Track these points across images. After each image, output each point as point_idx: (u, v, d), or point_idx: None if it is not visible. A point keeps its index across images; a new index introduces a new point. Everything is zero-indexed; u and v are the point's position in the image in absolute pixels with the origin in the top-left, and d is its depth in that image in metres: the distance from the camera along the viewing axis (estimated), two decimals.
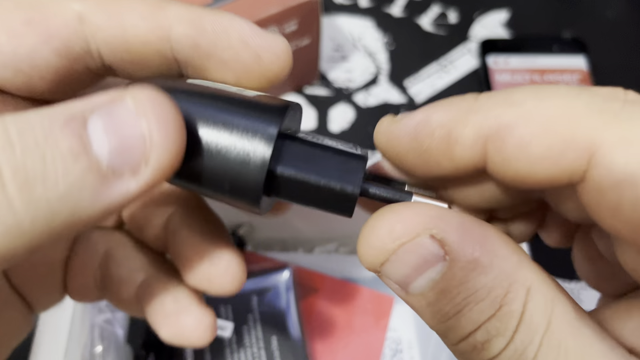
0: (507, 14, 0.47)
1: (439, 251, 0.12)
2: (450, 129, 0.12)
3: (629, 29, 0.46)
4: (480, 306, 0.12)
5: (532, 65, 0.42)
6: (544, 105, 0.12)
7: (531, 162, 0.12)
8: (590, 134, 0.11)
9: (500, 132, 0.12)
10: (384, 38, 0.45)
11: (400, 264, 0.12)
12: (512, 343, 0.12)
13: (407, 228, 0.12)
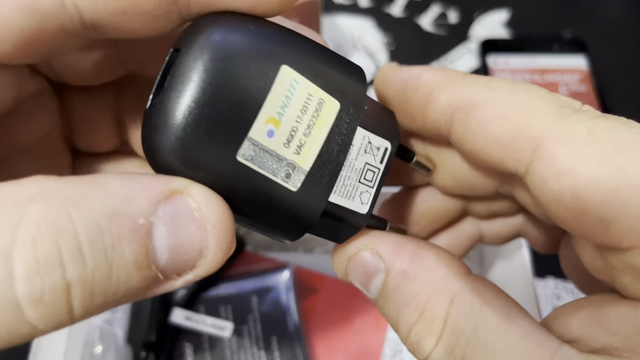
0: (507, 14, 0.47)
1: (378, 263, 0.15)
2: (432, 89, 0.14)
3: (629, 29, 0.46)
4: (407, 310, 0.14)
5: (532, 65, 0.42)
6: (512, 97, 0.13)
7: (487, 139, 0.13)
8: (539, 128, 0.13)
9: (469, 106, 0.14)
10: (384, 38, 0.45)
11: (354, 273, 0.15)
12: (440, 343, 0.13)
13: (352, 246, 0.15)
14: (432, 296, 0.14)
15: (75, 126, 0.16)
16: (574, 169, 0.12)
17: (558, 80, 0.41)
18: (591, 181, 0.12)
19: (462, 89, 0.14)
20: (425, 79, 0.15)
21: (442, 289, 0.14)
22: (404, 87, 0.15)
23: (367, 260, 0.15)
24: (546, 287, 0.33)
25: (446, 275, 0.14)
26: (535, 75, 0.41)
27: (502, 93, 0.13)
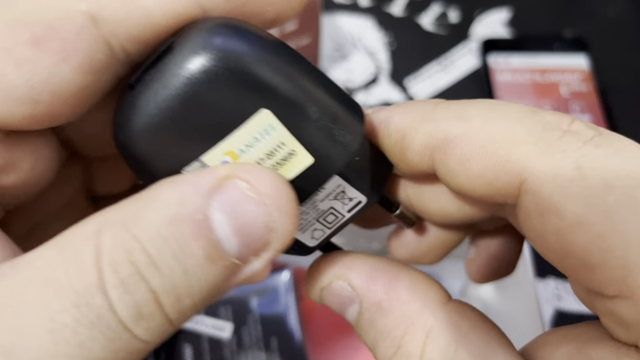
0: (507, 13, 0.47)
1: (351, 293, 0.14)
2: (404, 134, 0.13)
3: (630, 28, 0.46)
4: (384, 345, 0.13)
5: (533, 64, 0.42)
6: (489, 126, 0.12)
7: (470, 177, 0.12)
8: (522, 161, 0.12)
9: (444, 144, 0.13)
10: (384, 37, 0.45)
11: (329, 302, 0.15)
12: None
13: (324, 276, 0.14)
14: (407, 332, 0.13)
15: (95, 175, 0.17)
16: (558, 209, 0.11)
17: (559, 79, 0.41)
18: (576, 224, 0.11)
19: (434, 127, 0.13)
20: (395, 123, 0.14)
21: (417, 323, 0.13)
22: (379, 136, 0.14)
23: (340, 290, 0.14)
24: (547, 287, 0.33)
25: (421, 308, 0.13)
26: (536, 75, 0.41)
27: (477, 123, 0.12)
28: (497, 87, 0.41)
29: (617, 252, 0.11)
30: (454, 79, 0.43)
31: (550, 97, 0.40)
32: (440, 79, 0.43)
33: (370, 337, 0.14)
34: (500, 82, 0.41)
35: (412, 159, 0.14)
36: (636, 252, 0.11)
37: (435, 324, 0.13)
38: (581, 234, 0.11)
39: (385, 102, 0.42)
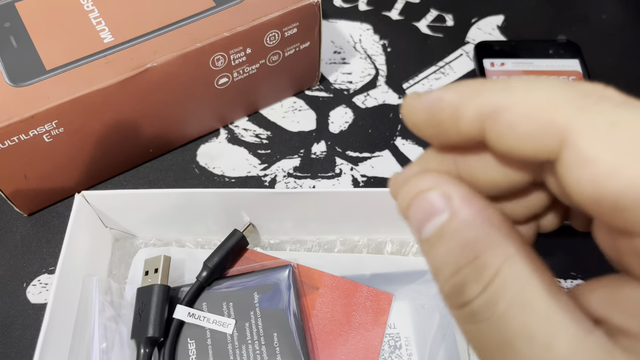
0: (503, 17, 0.48)
1: (445, 204, 0.15)
2: (457, 107, 0.15)
3: (623, 32, 0.47)
4: (461, 252, 0.15)
5: (527, 67, 0.43)
6: (532, 95, 0.14)
7: (517, 139, 0.14)
8: (563, 122, 0.13)
9: (494, 113, 0.14)
10: (382, 41, 0.46)
11: (416, 208, 0.16)
12: (485, 292, 0.14)
13: (427, 181, 0.16)
14: (490, 247, 0.14)
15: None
16: (595, 158, 0.13)
17: None
18: (610, 170, 0.13)
19: (483, 99, 0.15)
20: (448, 98, 0.15)
21: (500, 245, 0.14)
22: (430, 112, 0.16)
23: (435, 199, 0.15)
24: None
25: (507, 236, 0.15)
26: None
27: (521, 93, 0.14)
28: None
29: None
30: (451, 81, 0.44)
31: None
32: (437, 82, 0.44)
33: (447, 246, 0.15)
34: None
35: (465, 127, 0.15)
36: None
37: (517, 252, 0.14)
38: (614, 179, 0.13)
39: (384, 104, 0.43)
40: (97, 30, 0.34)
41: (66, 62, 0.33)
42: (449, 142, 0.16)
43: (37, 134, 0.32)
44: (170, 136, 0.39)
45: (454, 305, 0.15)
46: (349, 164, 0.40)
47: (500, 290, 0.14)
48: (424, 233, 0.16)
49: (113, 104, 0.33)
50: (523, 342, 0.13)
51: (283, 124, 0.41)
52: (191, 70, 0.34)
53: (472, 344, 0.15)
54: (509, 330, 0.14)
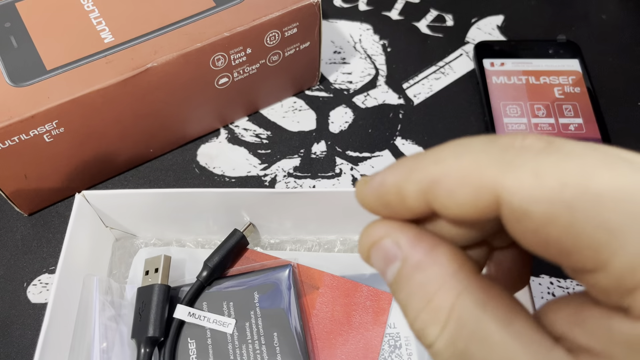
0: (503, 17, 0.48)
1: (397, 251, 0.16)
2: (399, 187, 0.16)
3: (622, 32, 0.47)
4: (416, 298, 0.15)
5: (527, 67, 0.43)
6: (459, 163, 0.15)
7: (459, 205, 0.15)
8: (492, 182, 0.14)
9: (432, 185, 0.15)
10: (382, 41, 0.46)
11: (375, 257, 0.17)
12: (443, 333, 0.15)
13: (377, 233, 0.17)
14: (441, 288, 0.15)
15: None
16: (528, 213, 0.13)
17: (553, 82, 0.42)
18: (546, 221, 0.13)
19: (419, 175, 0.16)
20: (389, 181, 0.16)
21: (450, 283, 0.15)
22: (378, 196, 0.17)
23: (388, 247, 0.16)
24: (541, 286, 0.34)
25: (456, 272, 0.15)
26: (531, 77, 0.42)
27: (450, 162, 0.15)
28: (492, 89, 0.42)
29: (584, 236, 0.13)
30: (451, 81, 0.44)
31: (543, 99, 0.41)
32: (436, 81, 0.44)
33: (405, 292, 0.16)
34: (496, 84, 0.42)
35: (411, 204, 0.16)
36: (601, 231, 0.13)
37: (468, 286, 0.15)
38: (552, 229, 0.13)
39: (384, 104, 0.43)
40: (98, 30, 0.34)
41: (66, 62, 0.33)
42: (404, 218, 0.17)
43: (37, 134, 0.32)
44: (171, 136, 0.39)
45: (424, 346, 0.16)
46: (349, 163, 0.40)
47: (457, 329, 0.15)
48: (387, 279, 0.17)
49: (113, 104, 0.33)
50: None
51: (283, 124, 0.41)
52: (191, 70, 0.35)
53: None
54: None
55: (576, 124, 0.40)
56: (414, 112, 0.42)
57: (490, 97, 0.41)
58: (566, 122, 0.40)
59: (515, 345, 0.14)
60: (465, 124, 0.41)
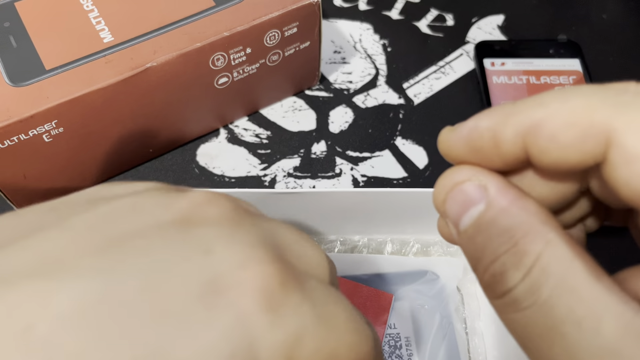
0: (504, 17, 0.48)
1: (481, 195, 0.15)
2: (495, 131, 0.15)
3: (623, 31, 0.47)
4: (499, 240, 0.15)
5: (528, 67, 0.43)
6: (568, 104, 0.14)
7: (561, 149, 0.14)
8: (604, 123, 0.13)
9: (533, 129, 0.15)
10: (382, 41, 0.46)
11: (452, 200, 0.16)
12: (527, 278, 0.14)
13: (460, 175, 0.16)
14: (529, 234, 0.14)
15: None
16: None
17: (553, 82, 0.42)
18: None
19: (520, 117, 0.15)
20: (484, 125, 0.16)
21: (539, 230, 0.14)
22: (469, 142, 0.16)
23: (470, 190, 0.16)
24: None
25: (545, 221, 0.14)
26: (531, 77, 0.42)
27: (556, 105, 0.14)
28: (493, 89, 0.42)
29: None
30: (451, 80, 0.44)
31: None
32: (437, 81, 0.44)
33: (484, 236, 0.15)
34: (496, 84, 0.42)
35: (506, 150, 0.15)
36: None
37: (557, 236, 0.14)
38: None
39: (384, 103, 0.42)
40: (97, 30, 0.34)
41: (66, 61, 0.33)
42: (493, 167, 0.16)
43: (36, 134, 0.32)
44: (170, 136, 0.39)
45: (494, 294, 0.15)
46: (349, 163, 0.40)
47: (543, 276, 0.14)
48: (462, 224, 0.16)
49: (113, 104, 0.33)
50: (570, 327, 0.13)
51: (283, 123, 0.41)
52: (191, 70, 0.34)
53: (514, 334, 0.15)
54: (555, 317, 0.13)
55: None
56: (414, 112, 0.42)
57: (491, 97, 0.41)
58: None
59: (606, 299, 0.13)
60: None
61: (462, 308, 0.32)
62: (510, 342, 0.28)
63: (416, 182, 0.39)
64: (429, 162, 0.40)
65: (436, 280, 0.32)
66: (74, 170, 0.36)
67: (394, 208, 0.32)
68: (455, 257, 0.33)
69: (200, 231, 0.14)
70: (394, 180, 0.39)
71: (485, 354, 0.30)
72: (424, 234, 0.34)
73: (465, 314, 0.32)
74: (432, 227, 0.33)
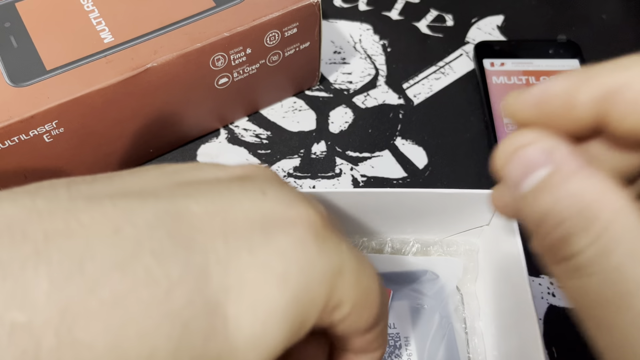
0: (503, 17, 0.48)
1: (547, 158, 0.15)
2: (570, 94, 0.15)
3: (623, 32, 0.47)
4: (565, 203, 0.14)
5: (527, 67, 0.43)
6: None
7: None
8: None
9: (614, 93, 0.14)
10: (382, 41, 0.46)
11: (517, 163, 0.15)
12: (596, 243, 0.13)
13: (526, 138, 0.15)
14: (599, 199, 0.13)
15: None
16: None
17: None
18: None
19: (600, 81, 0.14)
20: (559, 87, 0.15)
21: (609, 196, 0.14)
22: (539, 104, 0.15)
23: (536, 153, 0.15)
24: (541, 286, 0.34)
25: (615, 189, 0.14)
26: (531, 77, 0.42)
27: (637, 70, 0.14)
28: (492, 89, 0.42)
29: None
30: (451, 81, 0.44)
31: None
32: (436, 81, 0.44)
33: (550, 199, 0.14)
34: (496, 84, 0.42)
35: (580, 113, 0.15)
36: None
37: (627, 204, 0.14)
38: None
39: (384, 104, 0.43)
40: (97, 30, 0.34)
41: (66, 62, 0.33)
42: (563, 131, 0.15)
43: (37, 134, 0.32)
44: (171, 136, 0.39)
45: (556, 259, 0.14)
46: (349, 164, 0.40)
47: (613, 242, 0.13)
48: (524, 187, 0.15)
49: (113, 104, 0.33)
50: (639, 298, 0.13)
51: (283, 124, 0.41)
52: (191, 70, 0.35)
53: (574, 302, 0.14)
54: (623, 285, 0.13)
55: None
56: (414, 112, 0.42)
57: (491, 97, 0.41)
58: None
59: None
60: (465, 124, 0.41)
61: (462, 308, 0.32)
62: (510, 342, 0.29)
63: (416, 182, 0.39)
64: (429, 162, 0.40)
65: (436, 280, 0.32)
66: (74, 170, 0.36)
67: (393, 208, 0.32)
68: (455, 256, 0.33)
69: (255, 181, 0.16)
70: (393, 180, 0.39)
71: (485, 353, 0.30)
72: (423, 233, 0.34)
73: (464, 314, 0.32)
74: (432, 227, 0.33)
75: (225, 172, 0.17)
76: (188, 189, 0.15)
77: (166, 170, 0.16)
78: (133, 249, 0.13)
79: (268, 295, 0.14)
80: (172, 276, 0.13)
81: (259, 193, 0.15)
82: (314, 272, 0.15)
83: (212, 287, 0.13)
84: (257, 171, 0.17)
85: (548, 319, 0.33)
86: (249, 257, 0.14)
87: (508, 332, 0.29)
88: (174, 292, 0.13)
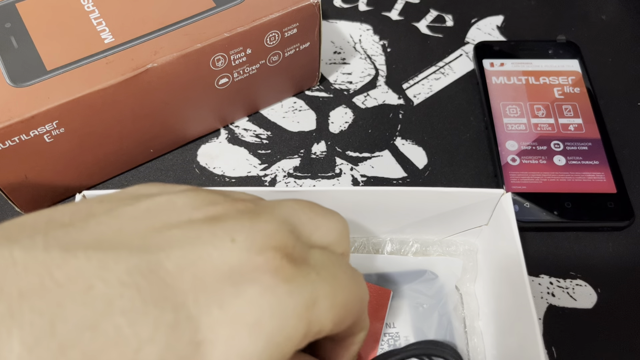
0: (503, 17, 0.48)
1: None
2: None
3: (622, 32, 0.47)
4: None
5: (527, 67, 0.43)
6: None
7: None
8: None
9: None
10: (382, 41, 0.46)
11: None
12: None
13: None
14: None
15: None
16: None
17: (552, 82, 0.42)
18: None
19: None
20: None
21: None
22: None
23: None
24: (540, 286, 0.34)
25: None
26: (530, 78, 0.42)
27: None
28: (492, 89, 0.42)
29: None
30: (451, 81, 0.44)
31: (543, 99, 0.41)
32: (436, 82, 0.44)
33: None
34: (495, 84, 0.42)
35: None
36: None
37: None
38: None
39: (384, 104, 0.43)
40: (98, 31, 0.34)
41: (67, 62, 0.33)
42: None
43: (37, 134, 0.32)
44: (171, 136, 0.39)
45: None
46: (349, 164, 0.40)
47: None
48: None
49: (113, 104, 0.33)
50: None
51: (283, 124, 0.42)
52: (191, 70, 0.35)
53: None
54: None
55: (576, 124, 0.40)
56: (414, 112, 0.42)
57: (490, 98, 0.41)
58: (566, 122, 0.40)
59: None
60: (465, 124, 0.41)
61: (461, 307, 0.32)
62: (509, 342, 0.29)
63: (416, 182, 0.39)
64: (429, 162, 0.40)
65: (435, 280, 0.32)
66: (75, 170, 0.36)
67: (393, 207, 0.32)
68: (454, 256, 0.34)
69: (226, 223, 0.16)
70: (393, 181, 0.39)
71: (485, 353, 0.30)
72: (423, 233, 0.34)
73: (464, 314, 0.32)
74: (431, 227, 0.33)
75: (198, 213, 0.17)
76: (160, 239, 0.16)
77: (140, 208, 0.17)
78: (104, 308, 0.13)
79: (241, 346, 0.15)
80: (142, 335, 0.13)
81: (228, 240, 0.16)
82: (286, 313, 0.15)
83: (183, 344, 0.14)
84: (230, 208, 0.18)
85: (547, 318, 0.33)
86: (220, 311, 0.15)
87: (507, 332, 0.29)
88: (143, 351, 0.13)
